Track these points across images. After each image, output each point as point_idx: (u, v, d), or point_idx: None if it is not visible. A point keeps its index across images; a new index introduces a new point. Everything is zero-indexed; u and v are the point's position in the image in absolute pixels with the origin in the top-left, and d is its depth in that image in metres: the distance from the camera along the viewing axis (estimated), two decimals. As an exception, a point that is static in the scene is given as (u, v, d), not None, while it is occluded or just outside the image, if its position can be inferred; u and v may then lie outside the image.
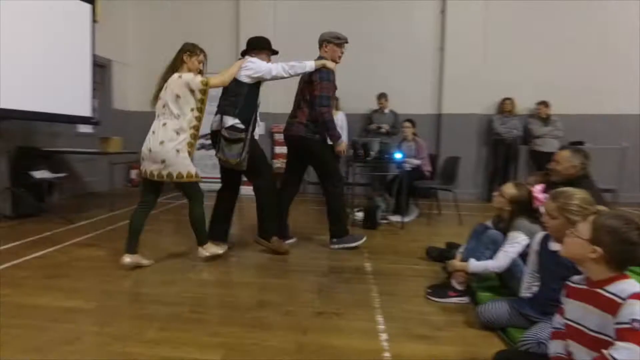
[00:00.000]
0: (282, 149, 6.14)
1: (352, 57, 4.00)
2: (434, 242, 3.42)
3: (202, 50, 2.85)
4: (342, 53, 3.39)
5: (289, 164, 3.54)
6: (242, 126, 2.99)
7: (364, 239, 3.43)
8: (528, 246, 2.16)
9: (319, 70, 3.19)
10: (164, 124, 2.69)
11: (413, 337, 1.91)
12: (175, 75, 2.71)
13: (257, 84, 3.11)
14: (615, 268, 1.30)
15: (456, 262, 2.41)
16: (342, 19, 6.15)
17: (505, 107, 6.09)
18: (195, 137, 2.79)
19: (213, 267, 2.87)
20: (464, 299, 2.35)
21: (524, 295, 2.01)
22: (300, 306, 2.22)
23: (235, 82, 3.01)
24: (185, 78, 2.69)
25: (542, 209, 2.23)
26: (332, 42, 3.33)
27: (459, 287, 2.36)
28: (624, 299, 1.22)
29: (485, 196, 6.25)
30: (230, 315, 2.10)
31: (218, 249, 2.98)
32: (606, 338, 1.25)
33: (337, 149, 3.34)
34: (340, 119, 5.58)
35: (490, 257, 2.31)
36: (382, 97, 6.02)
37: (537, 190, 2.26)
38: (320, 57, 3.33)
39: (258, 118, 3.20)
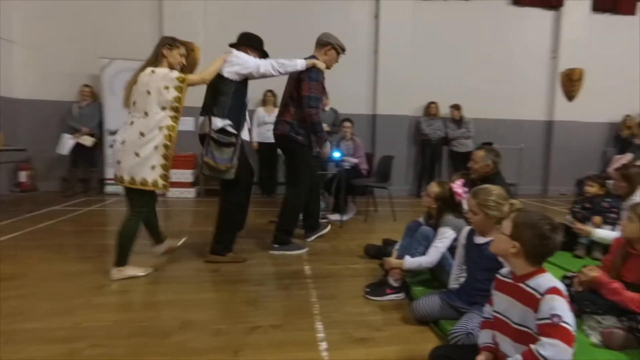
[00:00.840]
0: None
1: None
2: (372, 239, 3.45)
3: (182, 43, 2.60)
4: (337, 61, 3.37)
5: (285, 164, 3.51)
6: (232, 130, 2.79)
7: (306, 249, 3.34)
8: (456, 240, 2.25)
9: (309, 69, 3.07)
10: (132, 123, 2.45)
11: (353, 342, 1.89)
12: (148, 69, 2.45)
13: (244, 81, 2.89)
14: (533, 262, 1.36)
15: (392, 260, 2.45)
16: (280, 19, 6.12)
17: (430, 110, 6.45)
18: (171, 138, 2.49)
19: (126, 287, 2.46)
20: (400, 295, 2.39)
21: (452, 287, 2.10)
22: (232, 322, 2.04)
23: (221, 79, 2.77)
24: (159, 73, 2.44)
25: (464, 204, 2.36)
26: (335, 49, 3.27)
27: (395, 284, 2.41)
28: (542, 294, 1.28)
29: (415, 192, 6.64)
30: (144, 345, 1.79)
31: (137, 271, 2.61)
32: (528, 330, 1.31)
33: (322, 152, 3.32)
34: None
35: (423, 253, 2.39)
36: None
37: (457, 185, 2.38)
38: (313, 57, 3.20)
39: (247, 119, 3.03)
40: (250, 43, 2.98)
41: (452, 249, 2.32)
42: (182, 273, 2.76)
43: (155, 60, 2.51)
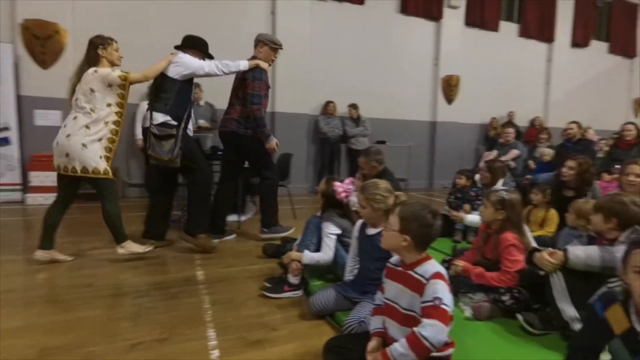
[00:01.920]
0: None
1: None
2: (264, 239, 3.40)
3: (112, 39, 2.74)
4: (275, 57, 3.51)
5: (225, 160, 3.60)
6: (173, 122, 2.94)
7: (293, 229, 3.48)
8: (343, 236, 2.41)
9: (253, 69, 3.24)
10: (75, 118, 2.62)
11: (248, 345, 1.80)
12: (91, 69, 2.63)
13: (189, 80, 3.07)
14: (421, 250, 1.46)
15: (292, 253, 2.43)
16: (175, 17, 5.71)
17: (328, 109, 6.61)
18: (117, 132, 2.71)
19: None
20: (298, 292, 2.37)
21: (347, 279, 2.14)
22: (108, 342, 1.79)
23: (166, 78, 2.95)
24: (102, 72, 2.62)
25: (352, 201, 2.45)
26: (267, 45, 3.41)
27: (294, 280, 2.38)
28: (427, 280, 1.37)
29: (314, 189, 6.68)
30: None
31: (140, 248, 2.84)
32: (415, 315, 1.38)
33: (268, 146, 3.36)
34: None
35: (317, 243, 2.45)
36: (195, 87, 5.55)
37: (337, 184, 2.43)
38: (253, 57, 3.38)
39: (192, 115, 3.26)
40: (193, 45, 3.15)
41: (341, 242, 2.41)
42: (45, 292, 2.37)
43: (92, 61, 2.66)
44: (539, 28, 8.73)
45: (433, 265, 1.42)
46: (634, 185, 2.59)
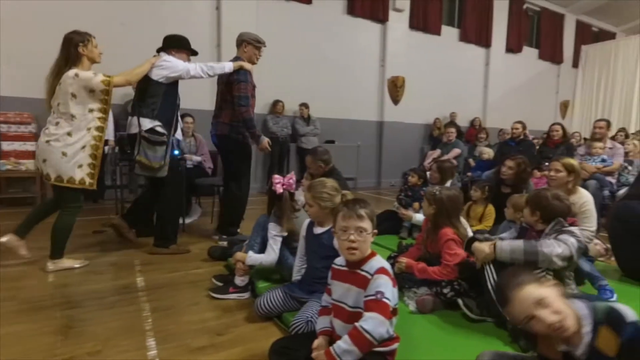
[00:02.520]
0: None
1: (133, 51, 3.88)
2: (217, 241, 3.31)
3: (90, 34, 2.59)
4: (259, 56, 3.47)
5: (226, 161, 3.53)
6: (163, 130, 2.88)
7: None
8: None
9: (237, 71, 3.18)
10: (57, 123, 2.51)
11: (191, 352, 1.73)
12: (71, 72, 2.47)
13: (175, 83, 2.97)
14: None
15: (238, 253, 2.37)
16: (117, 13, 5.39)
17: (277, 109, 6.54)
18: (100, 139, 2.61)
19: None
20: (245, 295, 2.32)
21: (295, 279, 2.12)
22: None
23: (150, 82, 2.84)
24: (83, 77, 2.48)
25: (299, 200, 2.43)
26: (251, 44, 3.37)
27: (240, 282, 2.32)
28: (372, 275, 1.38)
29: (264, 189, 6.60)
30: None
31: (73, 263, 2.72)
32: (361, 311, 1.38)
33: (259, 147, 3.38)
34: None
35: (261, 242, 2.39)
36: None
37: (276, 177, 2.39)
38: (237, 57, 3.34)
39: (179, 119, 3.21)
40: (175, 45, 3.04)
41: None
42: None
43: (72, 60, 2.51)
44: (477, 33, 9.26)
45: (378, 261, 1.44)
46: (555, 180, 2.81)
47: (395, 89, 8.04)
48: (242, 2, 6.26)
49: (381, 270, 1.39)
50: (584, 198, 2.89)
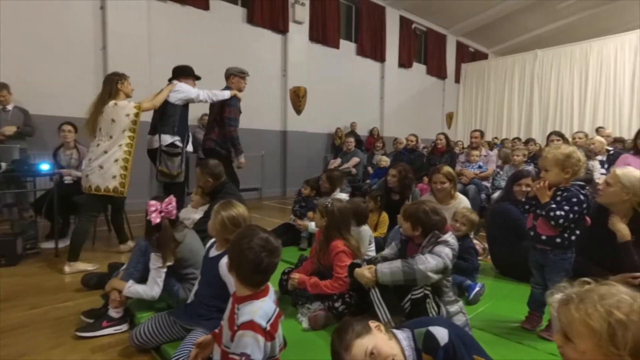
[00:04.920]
0: None
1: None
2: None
3: (126, 75, 3.21)
4: (245, 84, 4.07)
5: None
6: (180, 144, 3.49)
7: None
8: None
9: (230, 98, 3.82)
10: (98, 145, 3.04)
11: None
12: (111, 102, 3.06)
13: (186, 105, 3.61)
14: (251, 286, 1.32)
15: (114, 280, 2.10)
16: None
17: (204, 121, 6.08)
18: (130, 153, 3.08)
19: None
20: (121, 328, 2.05)
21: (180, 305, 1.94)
22: None
23: (168, 105, 3.44)
24: (121, 105, 3.07)
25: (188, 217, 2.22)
26: (237, 75, 3.98)
27: (116, 314, 2.04)
28: (238, 326, 1.25)
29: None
30: None
31: (87, 266, 3.05)
32: (228, 352, 1.29)
33: (240, 162, 3.92)
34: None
35: (142, 270, 2.11)
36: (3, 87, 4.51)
37: (152, 203, 2.04)
38: (227, 87, 3.95)
39: (189, 134, 3.70)
40: (182, 73, 3.70)
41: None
42: None
43: (110, 93, 3.09)
44: (373, 49, 9.85)
45: (248, 312, 1.27)
46: (442, 191, 3.05)
47: (298, 98, 8.12)
48: (130, 2, 5.75)
49: (248, 326, 1.24)
50: (463, 202, 3.17)
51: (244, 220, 1.81)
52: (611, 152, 4.83)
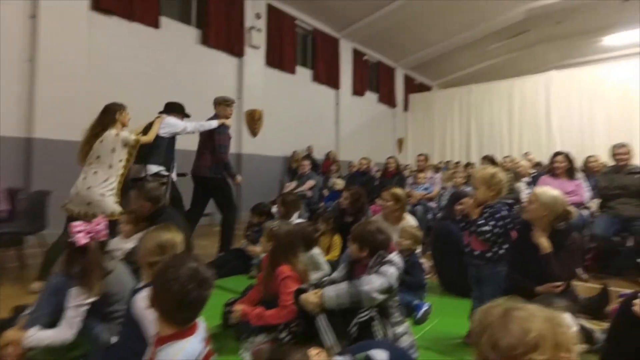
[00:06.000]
0: None
1: None
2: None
3: (124, 105, 3.38)
4: (231, 111, 4.33)
5: (194, 198, 4.21)
6: (166, 173, 3.74)
7: None
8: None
9: (219, 126, 4.04)
10: (95, 172, 3.11)
11: None
12: (113, 131, 3.18)
13: (173, 137, 3.88)
14: (174, 324, 1.18)
15: (10, 332, 1.76)
16: None
17: None
18: (122, 182, 3.23)
19: None
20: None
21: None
22: None
23: (157, 137, 3.63)
24: (122, 135, 3.20)
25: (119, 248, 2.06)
26: (222, 104, 4.24)
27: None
28: None
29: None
30: None
31: None
32: None
33: (236, 180, 4.22)
34: None
35: (52, 313, 1.80)
36: None
37: (75, 225, 1.80)
38: (215, 115, 4.20)
39: (175, 163, 3.91)
40: (174, 110, 4.05)
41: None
42: None
43: (107, 122, 3.23)
44: (328, 76, 10.15)
45: (174, 352, 1.13)
46: (386, 208, 3.16)
47: (253, 121, 8.13)
48: (66, 13, 5.39)
49: None
50: (410, 222, 3.30)
51: (173, 247, 1.63)
52: (534, 174, 5.29)
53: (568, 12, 9.50)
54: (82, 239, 1.74)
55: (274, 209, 4.06)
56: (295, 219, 3.62)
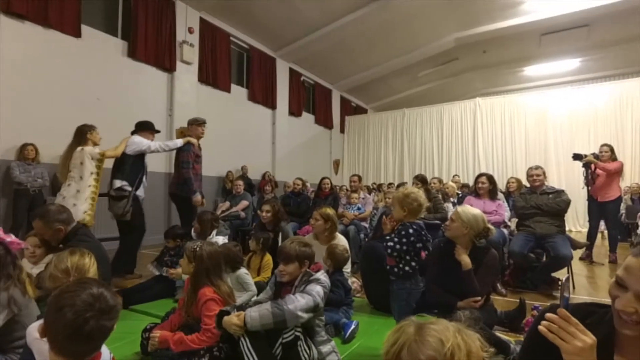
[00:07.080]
0: None
1: None
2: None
3: (94, 126, 3.87)
4: (203, 130, 4.58)
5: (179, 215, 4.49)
6: (128, 188, 3.97)
7: None
8: None
9: (185, 144, 4.32)
10: (69, 185, 3.56)
11: None
12: (79, 148, 3.65)
13: (141, 155, 4.16)
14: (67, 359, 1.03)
15: None
16: None
17: (27, 154, 5.26)
18: (95, 193, 3.66)
19: None
20: None
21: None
22: None
23: (124, 154, 4.00)
24: (87, 150, 3.65)
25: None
26: (194, 124, 4.52)
27: None
28: None
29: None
30: None
31: None
32: None
33: (194, 200, 4.25)
34: None
35: None
36: None
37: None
38: (189, 134, 4.50)
39: (144, 180, 4.23)
40: (143, 128, 4.35)
41: None
42: None
43: (79, 141, 3.71)
44: (264, 96, 10.12)
45: None
46: (316, 227, 3.13)
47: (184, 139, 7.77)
48: None
49: None
50: (341, 242, 3.28)
51: (80, 272, 1.50)
52: (460, 195, 5.62)
53: (493, 42, 10.46)
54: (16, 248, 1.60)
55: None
56: (214, 238, 3.52)
